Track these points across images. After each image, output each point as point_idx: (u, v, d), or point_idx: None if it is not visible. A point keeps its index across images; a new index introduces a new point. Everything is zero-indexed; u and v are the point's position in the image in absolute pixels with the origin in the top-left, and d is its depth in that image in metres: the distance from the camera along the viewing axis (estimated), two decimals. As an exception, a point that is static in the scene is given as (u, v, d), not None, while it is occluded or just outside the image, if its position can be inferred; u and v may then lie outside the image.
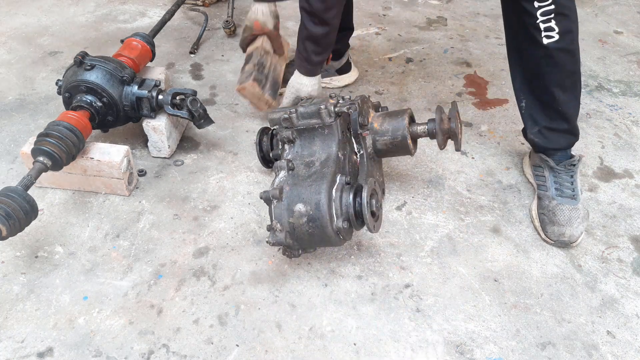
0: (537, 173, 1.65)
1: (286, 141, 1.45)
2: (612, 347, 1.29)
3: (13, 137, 1.87)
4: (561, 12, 1.41)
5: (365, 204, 1.26)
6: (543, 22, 1.42)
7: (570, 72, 1.51)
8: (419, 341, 1.29)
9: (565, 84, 1.52)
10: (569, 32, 1.45)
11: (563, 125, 1.58)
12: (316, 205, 1.26)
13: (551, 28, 1.42)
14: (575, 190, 1.57)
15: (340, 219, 1.27)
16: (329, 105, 1.40)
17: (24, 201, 1.33)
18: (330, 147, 1.39)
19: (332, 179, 1.30)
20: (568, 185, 1.57)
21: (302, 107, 1.43)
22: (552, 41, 1.44)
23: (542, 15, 1.41)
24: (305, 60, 1.69)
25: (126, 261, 1.46)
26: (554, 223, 1.51)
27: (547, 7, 1.40)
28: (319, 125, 1.41)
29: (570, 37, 1.46)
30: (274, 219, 1.30)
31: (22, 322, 1.31)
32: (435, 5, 2.82)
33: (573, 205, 1.53)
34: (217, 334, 1.29)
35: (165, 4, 2.77)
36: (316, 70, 1.72)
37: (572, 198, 1.55)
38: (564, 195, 1.55)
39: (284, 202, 1.29)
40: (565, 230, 1.49)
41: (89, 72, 1.62)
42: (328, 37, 1.63)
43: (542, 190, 1.61)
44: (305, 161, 1.40)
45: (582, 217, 1.52)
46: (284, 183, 1.33)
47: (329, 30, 1.60)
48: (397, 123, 1.50)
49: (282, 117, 1.44)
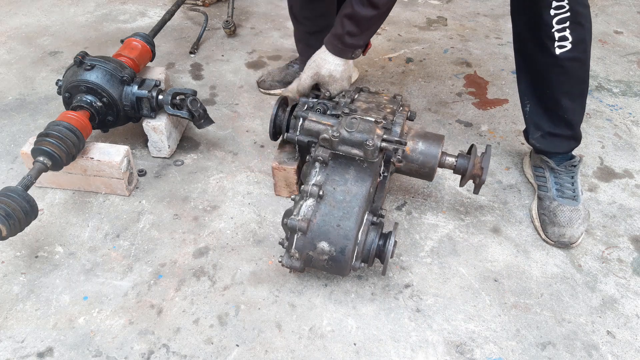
0: (538, 174, 1.65)
1: (320, 161, 1.34)
2: (612, 347, 1.29)
3: (13, 137, 1.87)
4: (577, 20, 1.37)
5: (388, 252, 1.28)
6: (558, 30, 1.38)
7: (579, 80, 1.50)
8: (419, 341, 1.29)
9: (573, 92, 1.51)
10: (582, 42, 1.41)
11: (566, 131, 1.57)
12: (342, 250, 1.25)
13: (565, 37, 1.39)
14: (576, 191, 1.57)
15: (358, 260, 1.29)
16: (376, 140, 1.29)
17: (24, 201, 1.33)
18: (365, 181, 1.30)
19: (361, 219, 1.28)
20: (568, 186, 1.57)
21: (347, 131, 1.31)
22: (564, 51, 1.41)
23: (557, 23, 1.37)
24: (337, 38, 1.47)
25: (126, 261, 1.46)
26: (555, 224, 1.51)
27: (563, 14, 1.36)
28: (359, 157, 1.31)
29: (583, 47, 1.42)
30: (295, 248, 1.28)
31: (22, 322, 1.31)
32: (435, 5, 2.82)
33: (574, 206, 1.53)
34: (217, 334, 1.29)
35: (165, 4, 2.77)
36: (346, 52, 1.49)
37: (573, 199, 1.55)
38: (565, 196, 1.55)
39: (309, 235, 1.26)
40: (565, 231, 1.49)
41: (89, 72, 1.62)
42: (371, 21, 1.43)
43: (542, 190, 1.61)
44: (335, 188, 1.30)
45: (583, 218, 1.52)
46: (311, 215, 1.27)
47: (375, 14, 1.40)
48: (430, 154, 1.44)
49: (322, 137, 1.32)
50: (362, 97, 1.51)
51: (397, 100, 1.50)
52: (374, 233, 1.31)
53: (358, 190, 1.29)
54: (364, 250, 1.30)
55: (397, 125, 1.41)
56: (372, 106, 1.45)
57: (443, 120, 1.99)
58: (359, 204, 1.27)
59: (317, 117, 1.44)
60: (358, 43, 1.46)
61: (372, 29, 1.47)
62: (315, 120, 1.43)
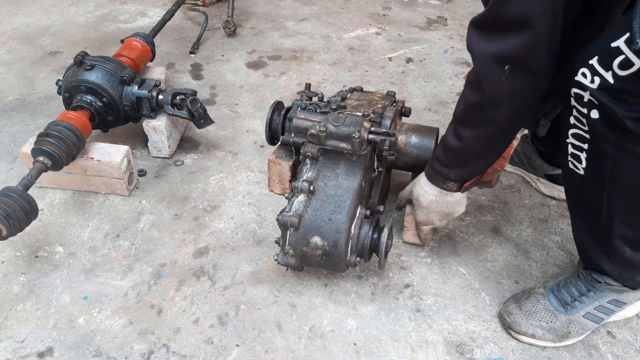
0: None
1: (309, 157, 1.34)
2: (612, 347, 1.29)
3: (13, 137, 1.87)
4: (598, 153, 1.02)
5: (382, 244, 1.28)
6: (573, 145, 1.06)
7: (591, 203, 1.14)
8: (419, 341, 1.29)
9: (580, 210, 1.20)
10: (599, 167, 1.05)
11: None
12: (334, 243, 1.25)
13: (579, 159, 1.07)
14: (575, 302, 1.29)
15: (354, 254, 1.29)
16: (362, 132, 1.28)
17: (24, 201, 1.33)
18: (355, 175, 1.30)
19: (353, 213, 1.28)
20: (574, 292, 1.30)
21: (333, 125, 1.30)
22: (575, 170, 1.10)
23: (573, 137, 1.05)
24: (431, 160, 1.29)
25: (126, 261, 1.46)
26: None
27: (581, 132, 1.02)
28: (347, 151, 1.31)
29: (601, 173, 1.05)
30: (288, 244, 1.28)
31: (22, 322, 1.31)
32: (435, 5, 2.82)
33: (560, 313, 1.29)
34: (217, 334, 1.29)
35: (165, 4, 2.77)
36: (436, 179, 1.28)
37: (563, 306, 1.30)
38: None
39: (301, 231, 1.27)
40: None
41: (89, 72, 1.62)
42: (457, 154, 1.21)
43: None
44: (327, 183, 1.31)
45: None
46: (302, 210, 1.27)
47: (460, 146, 1.17)
48: (423, 147, 1.42)
49: (310, 132, 1.32)
50: (355, 95, 1.53)
51: (390, 96, 1.51)
52: (367, 226, 1.30)
53: (349, 184, 1.30)
54: (359, 244, 1.29)
55: (387, 118, 1.40)
56: (363, 103, 1.46)
57: (443, 120, 1.99)
58: (351, 197, 1.28)
59: (305, 115, 1.46)
60: (448, 175, 1.25)
61: (460, 164, 1.23)
62: (304, 118, 1.45)
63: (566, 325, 1.26)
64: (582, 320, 1.26)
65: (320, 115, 1.45)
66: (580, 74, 0.95)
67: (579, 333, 1.27)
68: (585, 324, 1.26)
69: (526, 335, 1.27)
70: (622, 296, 1.26)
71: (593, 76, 0.93)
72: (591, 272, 1.27)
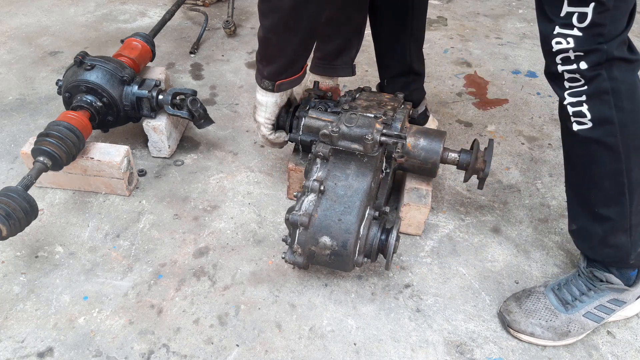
0: None
1: (320, 157, 1.33)
2: (612, 347, 1.29)
3: (13, 137, 1.87)
4: (599, 96, 1.11)
5: (391, 246, 1.28)
6: (572, 104, 1.13)
7: (609, 171, 1.17)
8: (419, 341, 1.29)
9: (604, 187, 1.19)
10: (607, 122, 1.12)
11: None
12: (343, 244, 1.25)
13: (582, 113, 1.13)
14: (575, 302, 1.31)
15: (361, 255, 1.29)
16: (375, 134, 1.29)
17: (24, 201, 1.33)
18: (366, 176, 1.30)
19: (362, 214, 1.28)
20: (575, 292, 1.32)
21: (346, 126, 1.31)
22: (583, 128, 1.14)
23: (570, 96, 1.13)
24: (256, 60, 1.42)
25: (126, 261, 1.46)
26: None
27: (577, 87, 1.12)
28: (359, 152, 1.31)
29: (611, 129, 1.12)
30: (297, 243, 1.28)
31: (22, 322, 1.31)
32: (435, 5, 2.82)
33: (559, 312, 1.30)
34: (217, 334, 1.29)
35: (165, 4, 2.77)
36: (258, 79, 1.42)
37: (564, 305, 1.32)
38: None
39: (310, 230, 1.27)
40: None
41: (89, 72, 1.62)
42: (261, 43, 1.32)
43: None
44: (337, 183, 1.31)
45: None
46: (312, 210, 1.27)
47: (261, 37, 1.30)
48: (431, 150, 1.43)
49: (322, 132, 1.31)
50: (364, 96, 1.52)
51: (399, 98, 1.51)
52: (376, 227, 1.31)
53: (359, 185, 1.30)
54: (367, 245, 1.30)
55: (397, 120, 1.41)
56: (373, 104, 1.46)
57: (443, 120, 1.99)
58: (360, 198, 1.28)
59: (317, 114, 1.46)
60: (262, 72, 1.39)
61: (267, 59, 1.35)
62: (315, 117, 1.45)
63: (566, 324, 1.27)
64: (582, 320, 1.26)
65: (331, 115, 1.45)
66: (555, 43, 1.09)
67: (579, 332, 1.27)
68: (586, 323, 1.27)
69: (525, 333, 1.28)
70: (623, 295, 1.27)
71: (566, 39, 1.08)
72: (593, 270, 1.27)
